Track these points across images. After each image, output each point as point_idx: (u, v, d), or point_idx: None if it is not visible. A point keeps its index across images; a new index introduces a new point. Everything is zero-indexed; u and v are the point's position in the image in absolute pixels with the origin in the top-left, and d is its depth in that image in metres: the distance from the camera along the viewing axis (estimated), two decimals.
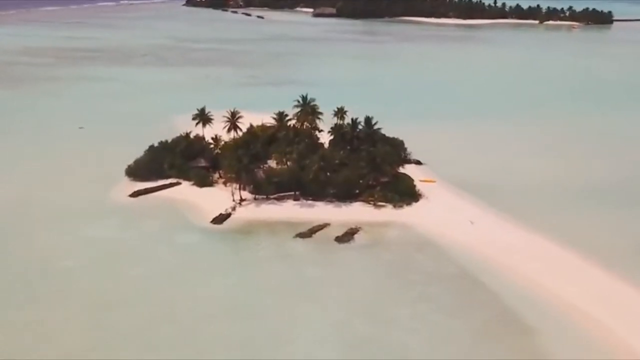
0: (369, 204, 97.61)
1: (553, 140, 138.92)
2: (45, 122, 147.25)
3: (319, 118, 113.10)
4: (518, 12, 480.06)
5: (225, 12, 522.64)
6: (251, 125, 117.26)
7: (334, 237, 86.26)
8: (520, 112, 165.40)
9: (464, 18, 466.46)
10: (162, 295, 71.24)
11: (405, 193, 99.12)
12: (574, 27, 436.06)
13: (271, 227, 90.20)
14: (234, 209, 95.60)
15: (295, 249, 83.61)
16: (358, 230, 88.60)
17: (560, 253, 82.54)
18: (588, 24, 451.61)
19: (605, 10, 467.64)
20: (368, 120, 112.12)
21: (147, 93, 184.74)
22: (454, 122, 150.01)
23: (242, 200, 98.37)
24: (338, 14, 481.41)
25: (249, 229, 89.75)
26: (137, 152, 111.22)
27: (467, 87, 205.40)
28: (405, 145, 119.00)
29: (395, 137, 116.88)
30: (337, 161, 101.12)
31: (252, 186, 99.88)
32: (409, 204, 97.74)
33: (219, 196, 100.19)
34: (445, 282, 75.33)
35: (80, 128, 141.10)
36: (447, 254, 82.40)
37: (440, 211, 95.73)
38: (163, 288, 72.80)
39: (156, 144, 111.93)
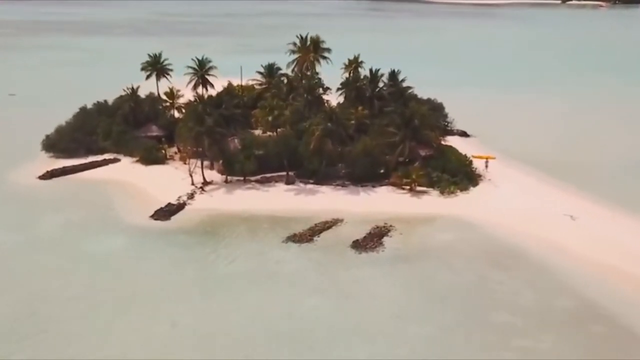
0: (403, 188, 63.70)
1: (608, 113, 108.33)
2: None
3: (324, 57, 78.13)
4: None
5: None
6: (229, 84, 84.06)
7: (349, 242, 52.27)
8: (560, 84, 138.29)
9: None
10: (37, 349, 36.69)
11: (458, 173, 64.73)
12: (600, 6, 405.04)
13: (249, 224, 56.51)
14: (191, 196, 61.82)
15: (286, 262, 49.59)
16: (389, 231, 54.79)
17: None
18: (615, 3, 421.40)
19: None
20: (393, 74, 79.98)
21: (112, 61, 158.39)
22: (491, 92, 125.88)
23: (205, 183, 64.36)
24: None
25: (211, 229, 56.02)
26: None
27: (497, 58, 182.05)
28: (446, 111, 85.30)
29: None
30: (352, 122, 66.35)
31: (221, 162, 65.47)
32: (464, 189, 63.96)
33: (173, 178, 68.11)
34: (561, 326, 41.03)
35: (11, 95, 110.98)
36: (549, 273, 48.08)
37: (516, 200, 61.76)
38: (40, 336, 38.18)
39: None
